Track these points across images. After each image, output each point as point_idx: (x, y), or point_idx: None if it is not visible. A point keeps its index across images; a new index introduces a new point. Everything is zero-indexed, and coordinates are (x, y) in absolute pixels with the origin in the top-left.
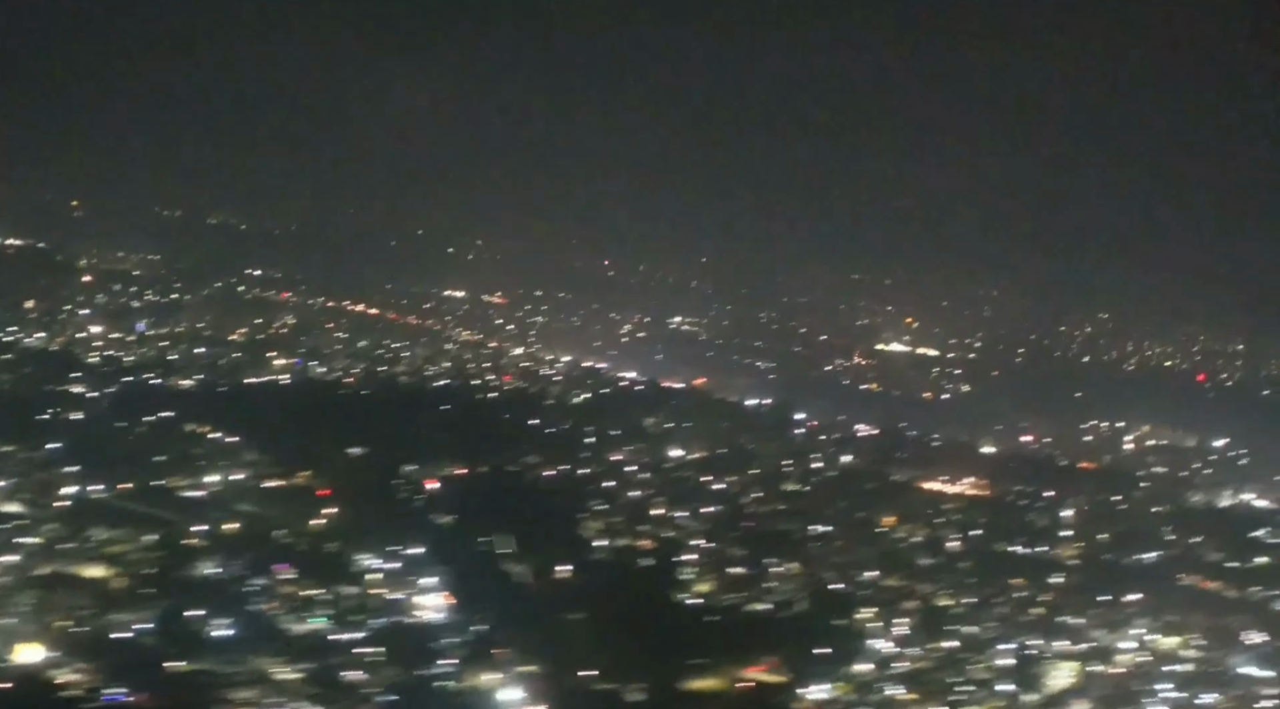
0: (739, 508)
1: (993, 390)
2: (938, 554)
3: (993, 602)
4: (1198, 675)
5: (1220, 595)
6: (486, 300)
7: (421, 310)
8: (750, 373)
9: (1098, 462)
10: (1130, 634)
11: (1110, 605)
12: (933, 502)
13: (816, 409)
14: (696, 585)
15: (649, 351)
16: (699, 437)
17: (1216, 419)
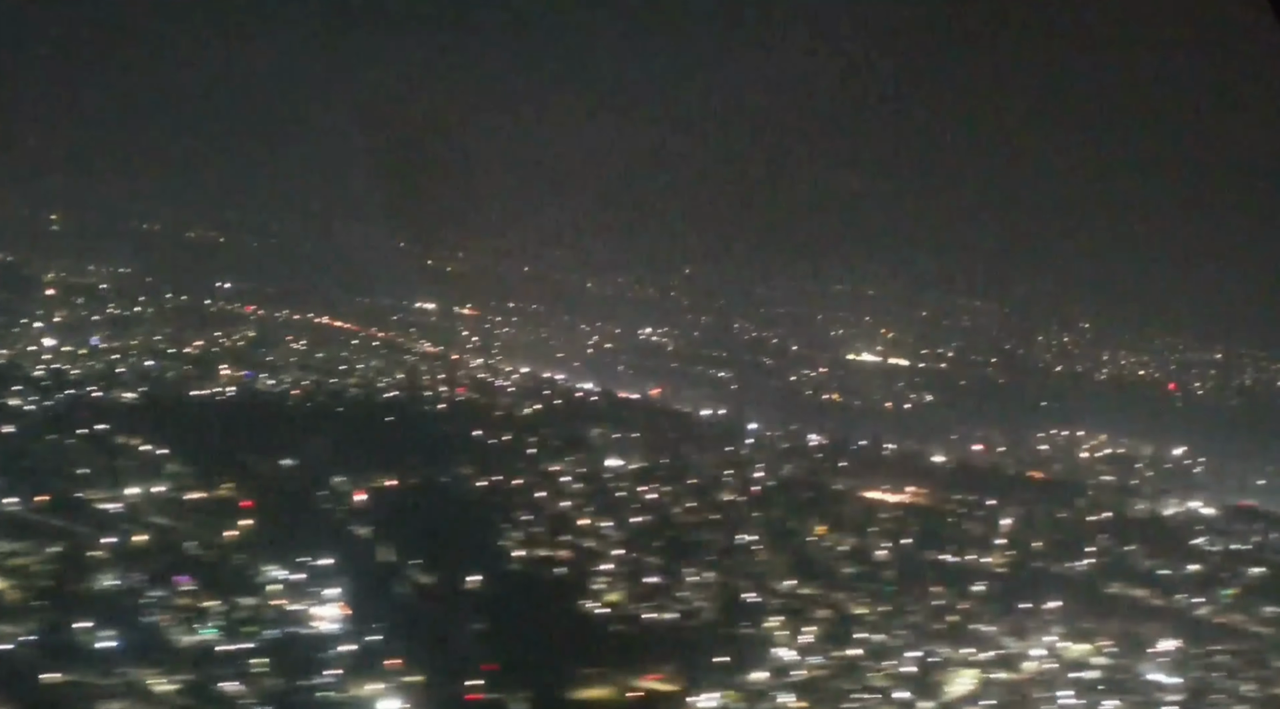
0: (668, 518)
1: (956, 400)
2: (862, 563)
3: (907, 610)
4: (1101, 682)
5: (1145, 603)
6: (458, 312)
7: (387, 322)
8: (711, 383)
9: (1047, 471)
10: (1041, 641)
11: (1027, 613)
12: (869, 511)
13: (772, 419)
14: (607, 595)
15: (613, 363)
16: (642, 447)
17: (1178, 428)
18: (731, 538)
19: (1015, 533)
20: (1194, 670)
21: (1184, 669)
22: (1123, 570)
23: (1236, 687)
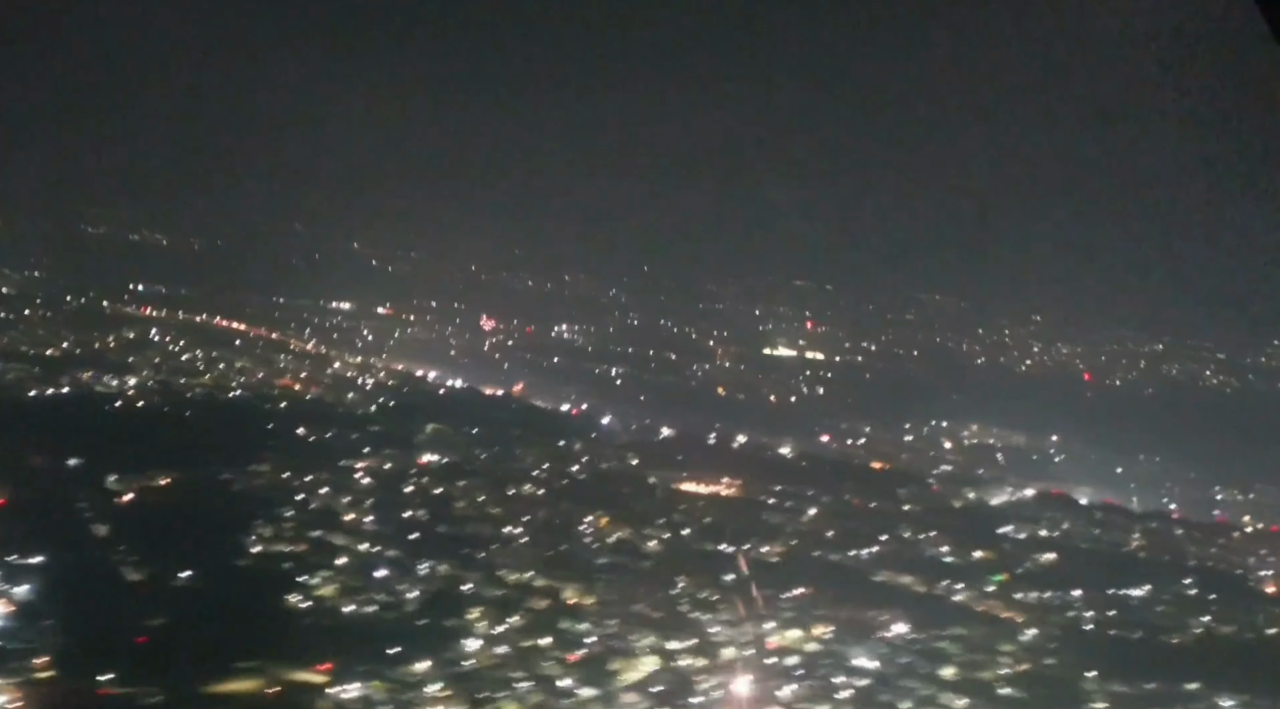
0: (446, 512)
1: (848, 393)
2: (623, 554)
3: (631, 599)
4: (797, 666)
5: (907, 589)
6: (377, 312)
7: (287, 323)
8: (596, 379)
9: (893, 462)
10: (758, 629)
11: (765, 601)
12: (670, 502)
13: (632, 414)
14: (319, 590)
15: (505, 360)
16: (469, 442)
17: (1070, 418)
18: (499, 531)
19: (812, 522)
20: (904, 656)
21: (895, 654)
22: (905, 558)
23: (937, 671)
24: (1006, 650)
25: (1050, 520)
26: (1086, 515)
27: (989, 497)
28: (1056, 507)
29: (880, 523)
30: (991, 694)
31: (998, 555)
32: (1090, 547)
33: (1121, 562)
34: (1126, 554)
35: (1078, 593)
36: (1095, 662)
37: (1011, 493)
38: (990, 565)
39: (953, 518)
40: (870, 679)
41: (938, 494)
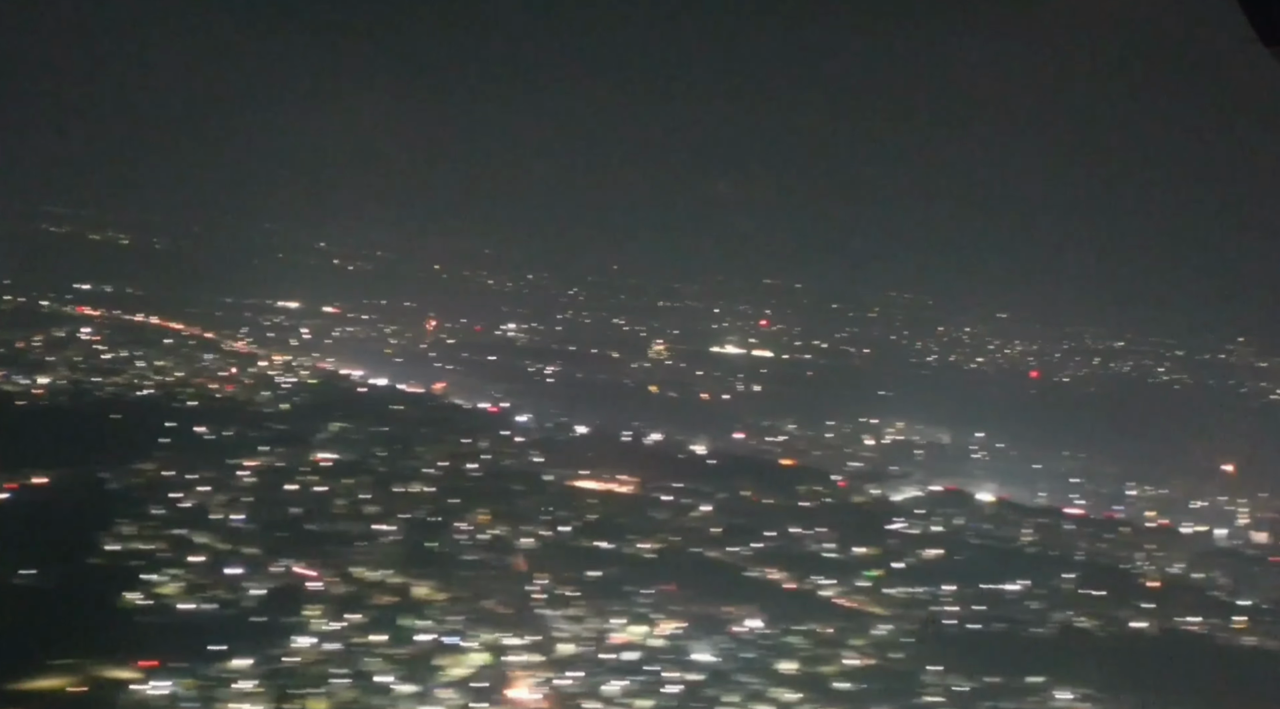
0: (322, 510)
1: (783, 391)
2: (493, 551)
3: (487, 596)
4: (638, 662)
5: (775, 585)
6: (324, 311)
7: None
8: (528, 378)
9: (804, 458)
10: (602, 626)
11: (625, 597)
12: (560, 500)
13: (550, 412)
14: (161, 587)
15: (440, 360)
16: (370, 441)
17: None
18: (369, 528)
19: (699, 519)
20: (748, 651)
21: (740, 649)
22: (785, 554)
23: (776, 666)
24: (855, 645)
25: (944, 516)
26: (980, 511)
27: (891, 493)
28: (952, 503)
29: (769, 519)
30: (825, 688)
31: (881, 551)
32: (980, 542)
33: (1006, 557)
34: (1013, 549)
35: (950, 588)
36: (943, 656)
37: (916, 490)
38: (871, 561)
39: (846, 514)
40: (703, 674)
41: (842, 490)
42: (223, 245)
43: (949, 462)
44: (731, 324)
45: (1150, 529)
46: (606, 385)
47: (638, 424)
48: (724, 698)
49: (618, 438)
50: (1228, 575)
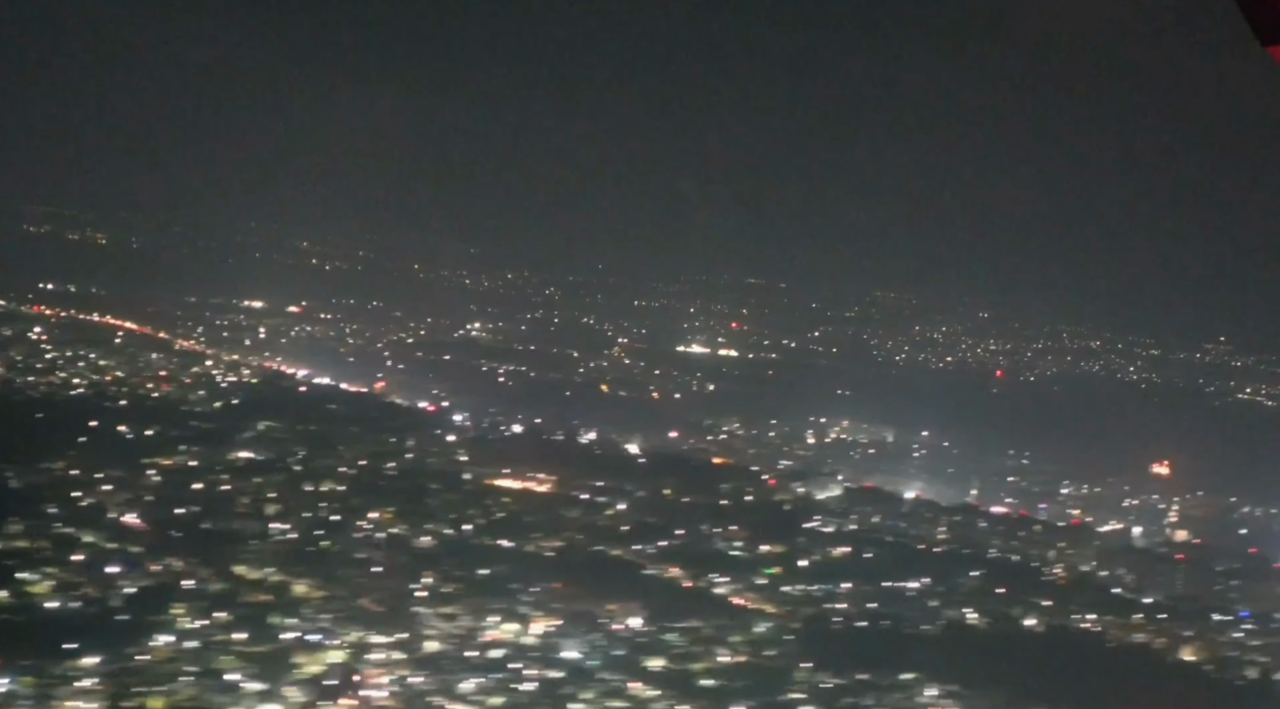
0: (222, 509)
1: (738, 390)
2: (387, 550)
3: (366, 594)
4: (504, 660)
5: (671, 583)
6: (288, 310)
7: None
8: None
9: (738, 457)
10: (476, 624)
11: (510, 595)
12: (473, 498)
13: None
14: (32, 586)
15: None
16: (294, 440)
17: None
18: (266, 527)
19: (610, 517)
20: (619, 648)
21: (611, 646)
22: (690, 552)
23: (645, 663)
24: (733, 642)
25: (862, 515)
26: (896, 510)
27: (817, 491)
28: (871, 501)
29: (684, 517)
30: (687, 686)
31: (789, 549)
32: (892, 540)
33: (915, 554)
34: (924, 547)
35: (848, 585)
36: (820, 653)
37: (839, 488)
38: (776, 559)
39: (765, 512)
40: (564, 672)
41: (769, 488)
42: (201, 244)
43: (887, 460)
44: (704, 324)
45: (1065, 527)
46: (558, 384)
47: (576, 423)
48: (579, 695)
49: (551, 437)
50: (1134, 573)
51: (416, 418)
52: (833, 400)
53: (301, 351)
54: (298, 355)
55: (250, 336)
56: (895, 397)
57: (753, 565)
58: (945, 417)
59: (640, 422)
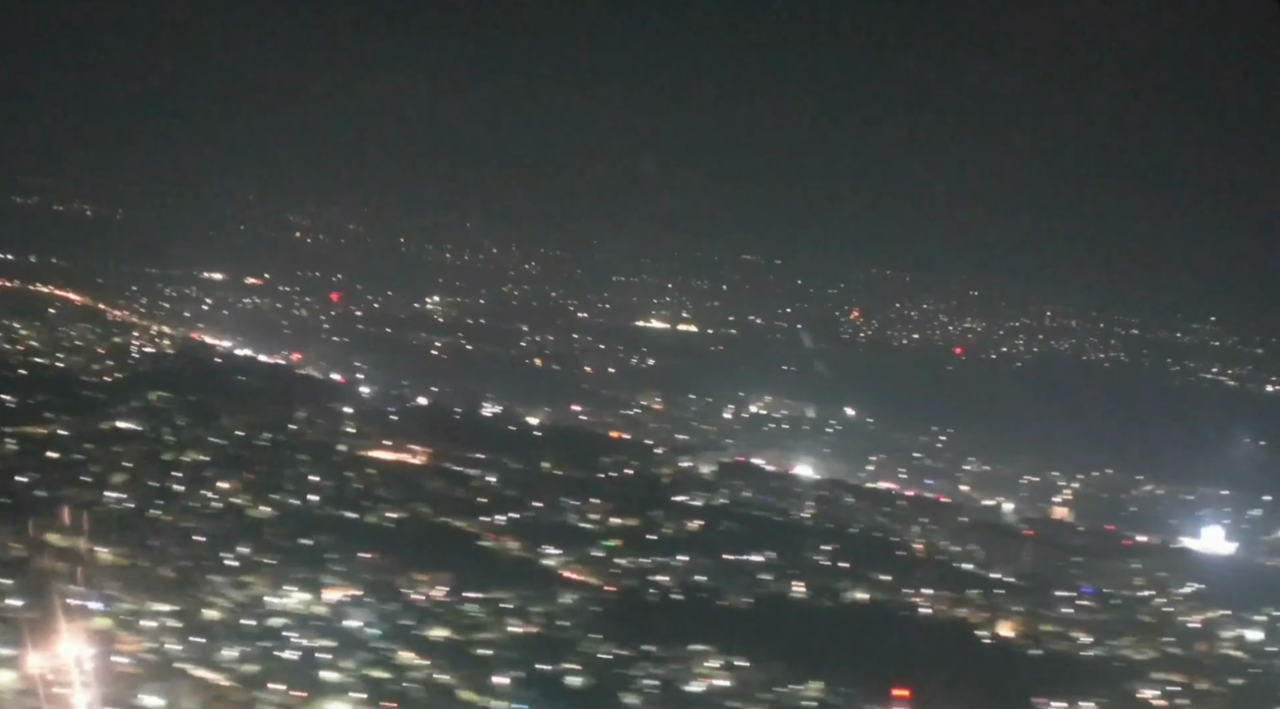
0: (64, 478)
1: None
2: (218, 520)
3: (164, 563)
4: (282, 628)
5: (503, 555)
6: (246, 284)
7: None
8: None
9: (637, 432)
10: (267, 593)
11: (316, 565)
12: (336, 469)
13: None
14: None
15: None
16: (178, 410)
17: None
18: (101, 496)
19: (471, 489)
20: (408, 618)
21: (401, 616)
22: (537, 523)
23: (426, 633)
24: (533, 613)
25: (732, 489)
26: (768, 484)
27: (701, 465)
28: (741, 475)
29: (550, 490)
30: (459, 656)
31: (642, 522)
32: (756, 514)
33: (774, 529)
34: (785, 521)
35: (684, 559)
36: (617, 625)
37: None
38: (625, 532)
39: (637, 487)
40: (336, 641)
41: (651, 462)
42: (189, 218)
43: (797, 436)
44: (675, 300)
45: (932, 503)
46: (491, 358)
47: (491, 396)
48: (338, 663)
49: (452, 410)
50: (987, 549)
51: (320, 390)
52: (769, 376)
53: (239, 324)
54: (233, 327)
55: (193, 308)
56: (839, 373)
57: (595, 538)
58: (881, 394)
59: (559, 395)
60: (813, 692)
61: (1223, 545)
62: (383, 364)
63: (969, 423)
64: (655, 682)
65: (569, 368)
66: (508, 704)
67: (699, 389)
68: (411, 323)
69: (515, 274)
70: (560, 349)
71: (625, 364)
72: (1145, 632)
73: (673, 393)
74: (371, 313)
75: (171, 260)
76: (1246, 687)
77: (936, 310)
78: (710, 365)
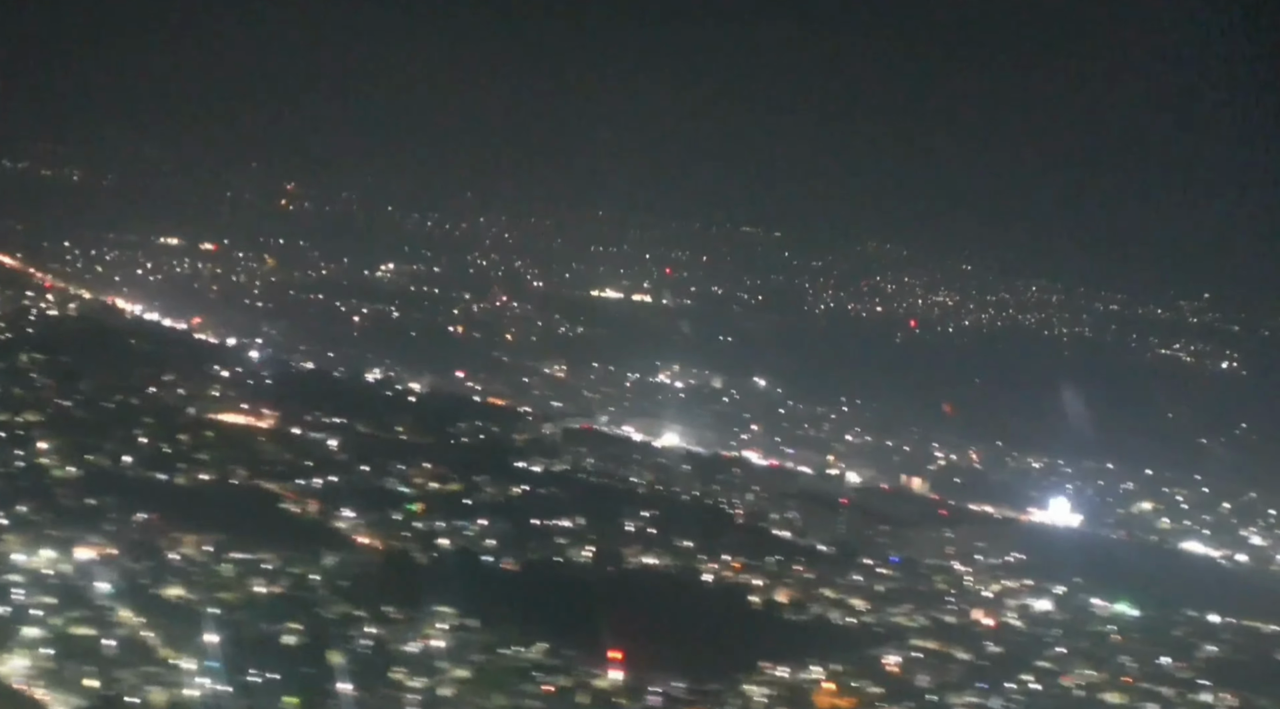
0: None
1: (605, 335)
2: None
3: None
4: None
5: (295, 516)
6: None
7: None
8: (334, 316)
9: (512, 400)
10: (15, 552)
11: (85, 524)
12: (171, 431)
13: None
14: None
15: (262, 300)
16: (44, 371)
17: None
18: None
19: (299, 452)
20: (148, 577)
21: (145, 575)
22: (351, 488)
23: (161, 592)
24: (289, 573)
25: (576, 455)
26: (610, 451)
27: (564, 427)
28: (586, 442)
29: (385, 454)
30: (181, 613)
31: (464, 487)
32: (590, 480)
33: (599, 495)
34: (614, 488)
35: (484, 522)
36: (369, 586)
37: (609, 424)
38: (442, 498)
39: (483, 452)
40: (58, 598)
41: (512, 428)
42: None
43: (686, 406)
44: (643, 270)
45: (765, 470)
46: (413, 325)
47: (388, 363)
48: (48, 619)
49: (331, 375)
50: (807, 518)
51: (206, 354)
52: (697, 346)
53: (166, 288)
54: (157, 292)
55: (125, 272)
56: (775, 344)
57: (403, 502)
58: (806, 365)
59: (459, 363)
60: (533, 654)
61: (1068, 517)
62: (293, 330)
63: (877, 395)
64: (370, 642)
65: (489, 335)
66: (200, 662)
67: (613, 358)
68: (351, 290)
69: (490, 244)
70: (491, 318)
71: (551, 333)
72: (928, 600)
73: (583, 361)
74: (312, 279)
75: (135, 225)
76: (1001, 655)
77: (915, 284)
78: (641, 334)
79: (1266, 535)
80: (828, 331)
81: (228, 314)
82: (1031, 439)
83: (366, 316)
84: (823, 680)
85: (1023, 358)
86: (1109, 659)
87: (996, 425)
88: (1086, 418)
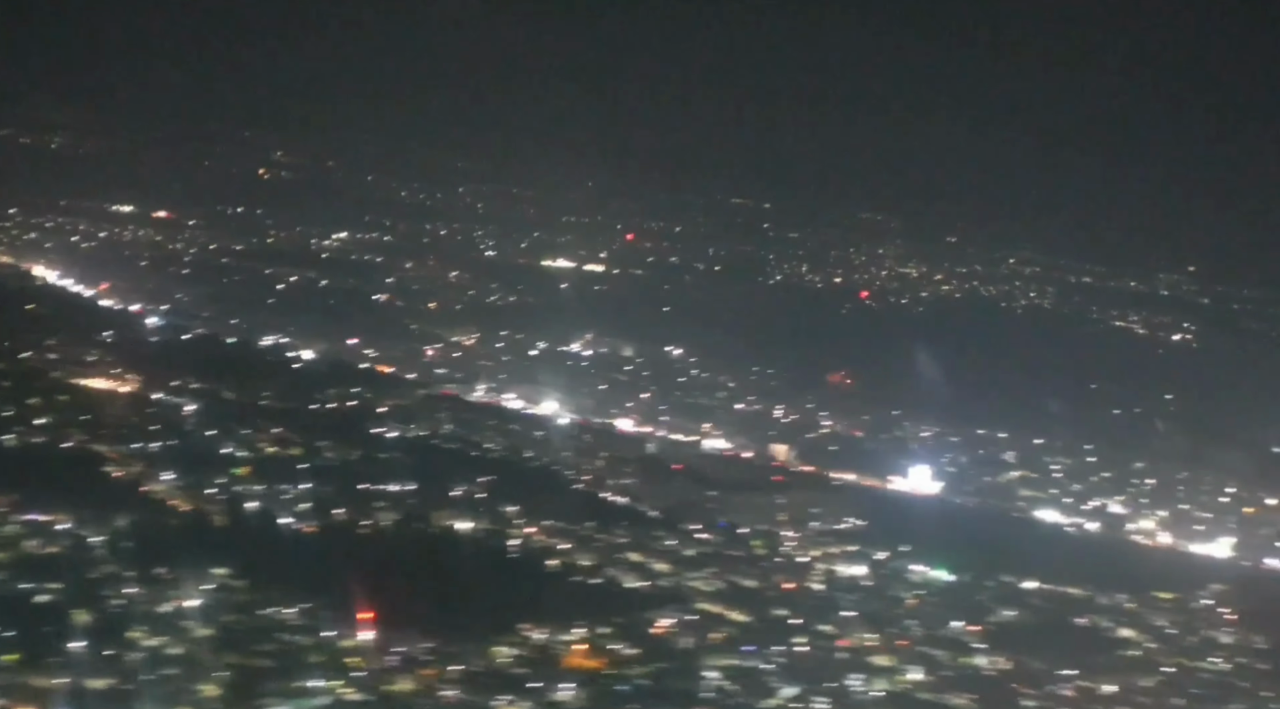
0: None
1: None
2: None
3: None
4: None
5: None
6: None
7: None
8: (262, 282)
9: (407, 368)
10: None
11: None
12: (25, 395)
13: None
14: None
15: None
16: None
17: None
18: None
19: (151, 418)
20: None
21: None
22: (188, 453)
23: None
24: (76, 534)
25: (433, 421)
26: (465, 416)
27: (465, 394)
28: (446, 408)
29: (240, 420)
30: None
31: (306, 452)
32: (438, 445)
33: (444, 459)
34: (460, 451)
35: (307, 486)
36: (157, 549)
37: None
38: (281, 461)
39: (342, 418)
40: None
41: (390, 394)
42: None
43: (582, 375)
44: (606, 240)
45: (622, 436)
46: (336, 293)
47: (291, 330)
48: None
49: (221, 341)
50: (643, 483)
51: (101, 319)
52: (621, 317)
53: (93, 256)
54: (82, 259)
55: (59, 240)
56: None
57: (226, 467)
58: (731, 335)
59: (363, 329)
60: (286, 613)
61: (927, 485)
62: (208, 297)
63: (790, 365)
64: (122, 601)
65: (412, 304)
66: None
67: (529, 327)
68: (289, 258)
69: (456, 213)
70: (422, 286)
71: (478, 301)
72: (736, 564)
73: (495, 330)
74: (252, 247)
75: (95, 193)
76: (781, 618)
77: (886, 256)
78: (573, 304)
79: (1129, 505)
80: (773, 303)
81: (144, 281)
82: (929, 410)
83: (293, 285)
84: (575, 643)
85: (967, 329)
86: (895, 623)
87: (900, 396)
88: (998, 388)
